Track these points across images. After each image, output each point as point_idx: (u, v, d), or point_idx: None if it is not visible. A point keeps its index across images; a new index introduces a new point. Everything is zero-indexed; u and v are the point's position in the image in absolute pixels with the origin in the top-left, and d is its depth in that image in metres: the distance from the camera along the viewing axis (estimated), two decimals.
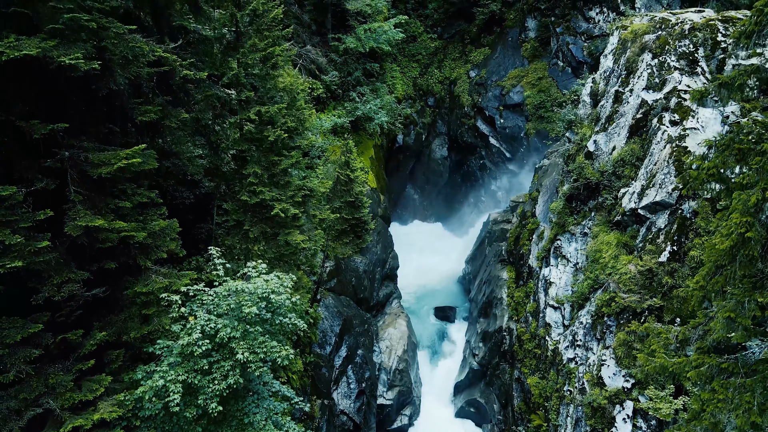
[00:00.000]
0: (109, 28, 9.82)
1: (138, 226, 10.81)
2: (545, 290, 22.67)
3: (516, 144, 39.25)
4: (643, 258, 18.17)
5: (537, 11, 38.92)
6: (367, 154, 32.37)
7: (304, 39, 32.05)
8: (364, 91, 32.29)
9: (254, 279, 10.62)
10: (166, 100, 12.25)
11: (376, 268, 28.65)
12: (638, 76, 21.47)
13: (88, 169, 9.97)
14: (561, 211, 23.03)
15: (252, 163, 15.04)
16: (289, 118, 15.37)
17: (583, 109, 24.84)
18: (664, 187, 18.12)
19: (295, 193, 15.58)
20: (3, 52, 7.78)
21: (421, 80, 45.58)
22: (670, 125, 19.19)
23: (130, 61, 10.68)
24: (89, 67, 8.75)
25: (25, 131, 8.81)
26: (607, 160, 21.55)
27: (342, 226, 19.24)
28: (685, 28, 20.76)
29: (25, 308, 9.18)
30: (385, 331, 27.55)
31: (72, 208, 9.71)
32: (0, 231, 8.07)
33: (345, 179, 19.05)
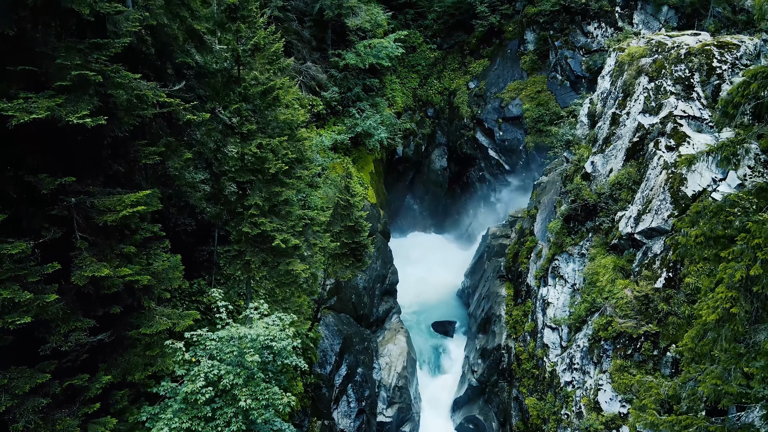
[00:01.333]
0: (114, 78, 10.06)
1: (142, 269, 11.06)
2: (543, 310, 22.90)
3: (515, 157, 39.50)
4: (639, 283, 18.41)
5: (536, 24, 39.16)
6: (367, 170, 32.61)
7: (304, 55, 32.29)
8: (364, 106, 32.53)
9: (256, 321, 10.84)
10: (169, 140, 12.48)
11: (375, 284, 28.88)
12: (635, 99, 21.71)
13: (94, 215, 10.20)
14: (559, 232, 23.26)
15: (253, 194, 15.27)
16: (290, 150, 15.59)
17: (580, 129, 25.09)
18: (660, 213, 18.35)
19: (296, 223, 15.80)
20: (13, 116, 8.01)
21: (420, 91, 45.81)
22: (666, 150, 19.43)
23: (135, 105, 10.94)
24: (96, 124, 8.98)
25: (34, 186, 9.05)
26: (604, 182, 21.79)
27: (342, 250, 19.45)
28: (681, 52, 21.01)
29: (33, 356, 9.40)
30: (384, 347, 27.78)
31: (78, 256, 9.94)
32: (10, 287, 8.30)
33: (345, 204, 19.27)
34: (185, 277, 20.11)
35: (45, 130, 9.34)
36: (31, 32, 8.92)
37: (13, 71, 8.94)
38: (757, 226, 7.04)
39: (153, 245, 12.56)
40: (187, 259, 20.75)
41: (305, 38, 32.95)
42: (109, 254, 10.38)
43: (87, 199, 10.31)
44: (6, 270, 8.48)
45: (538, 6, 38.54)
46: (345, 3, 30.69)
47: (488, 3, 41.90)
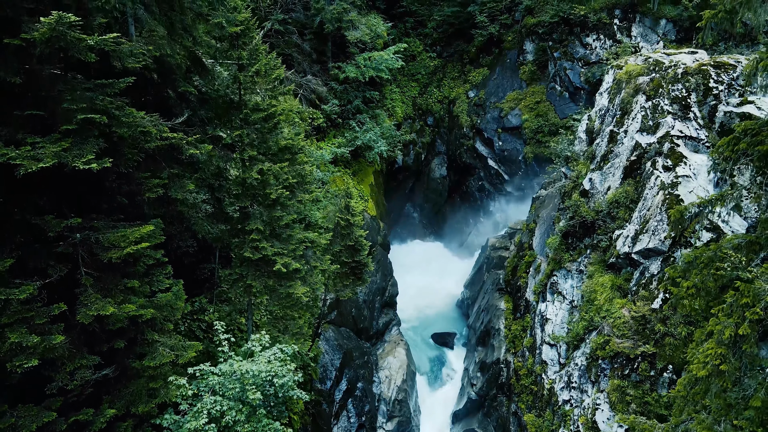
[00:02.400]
0: (120, 116, 10.25)
1: (146, 301, 11.25)
2: (542, 326, 23.08)
3: (514, 167, 39.70)
4: (636, 303, 18.59)
5: (535, 35, 39.35)
6: (367, 181, 32.80)
7: (304, 68, 32.49)
8: (364, 119, 32.71)
9: (257, 354, 11.03)
10: (171, 172, 12.66)
11: (375, 297, 29.06)
12: (632, 117, 21.90)
13: (99, 252, 10.38)
14: (557, 248, 23.44)
15: (254, 219, 15.45)
16: (291, 175, 15.78)
17: (579, 145, 25.28)
18: (656, 234, 18.53)
19: (297, 247, 15.98)
20: (21, 164, 8.20)
21: (420, 100, 46.02)
22: (663, 171, 19.62)
23: (138, 140, 11.14)
24: (102, 167, 9.16)
25: (40, 228, 9.23)
26: (602, 199, 21.98)
27: (342, 269, 19.63)
28: (678, 72, 21.20)
29: (39, 392, 9.58)
30: (384, 360, 27.96)
31: (83, 292, 10.12)
32: (17, 330, 8.48)
33: (345, 223, 19.46)
34: (186, 294, 20.34)
35: (51, 173, 9.52)
36: (37, 78, 9.10)
37: (20, 116, 9.13)
38: (745, 285, 7.24)
39: (156, 271, 12.73)
40: (188, 277, 20.97)
41: (305, 51, 33.15)
42: (114, 289, 10.56)
43: (92, 235, 10.49)
44: (13, 312, 8.66)
45: (537, 17, 38.77)
46: (345, 17, 30.88)
47: (487, 13, 42.11)
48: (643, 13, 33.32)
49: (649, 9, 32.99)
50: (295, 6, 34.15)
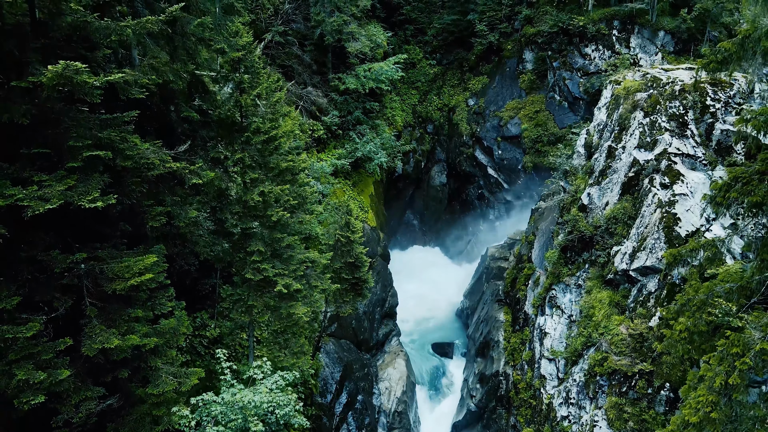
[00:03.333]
0: (124, 150, 10.43)
1: (149, 330, 11.43)
2: (540, 340, 23.25)
3: (514, 176, 39.86)
4: (634, 320, 18.76)
5: (534, 44, 39.49)
6: (367, 192, 32.97)
7: (305, 79, 32.66)
8: (364, 130, 32.88)
9: (258, 383, 11.21)
10: (174, 199, 12.83)
11: (375, 308, 29.23)
12: (630, 133, 22.08)
13: (103, 283, 10.55)
14: (556, 262, 23.61)
15: (256, 241, 15.63)
16: (291, 196, 15.95)
17: (577, 159, 25.46)
18: (654, 252, 18.70)
19: (298, 267, 16.15)
20: (29, 206, 8.38)
21: (420, 107, 46.18)
22: (660, 188, 19.79)
23: (141, 169, 11.31)
24: (107, 203, 9.34)
25: (46, 265, 9.41)
26: (600, 214, 22.15)
27: (343, 286, 19.81)
28: (676, 89, 21.38)
29: (45, 424, 9.76)
30: (384, 371, 28.12)
31: (88, 323, 10.29)
32: (24, 367, 8.65)
33: (345, 240, 19.63)
34: (188, 310, 20.52)
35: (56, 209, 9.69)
36: (44, 116, 9.28)
37: (27, 153, 9.31)
38: (735, 335, 7.41)
39: (158, 294, 12.92)
40: (189, 293, 21.16)
41: (306, 62, 33.33)
42: (117, 320, 10.73)
43: (96, 266, 10.66)
44: (20, 349, 8.84)
45: (536, 26, 38.92)
46: (345, 29, 31.06)
47: (487, 21, 42.25)
48: (642, 24, 33.48)
49: (648, 21, 33.16)
50: (296, 17, 34.34)
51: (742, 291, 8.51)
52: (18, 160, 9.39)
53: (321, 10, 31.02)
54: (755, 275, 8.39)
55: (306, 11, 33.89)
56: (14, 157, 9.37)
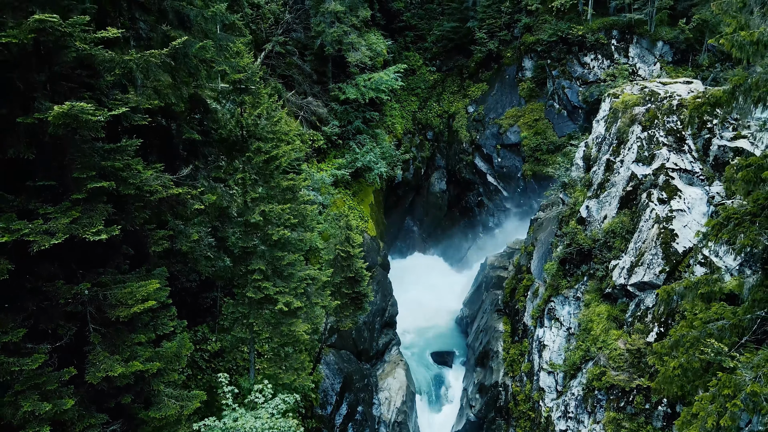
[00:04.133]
0: (128, 179, 10.58)
1: (152, 353, 11.57)
2: (539, 352, 23.39)
3: (513, 183, 40.03)
4: (632, 335, 18.91)
5: (533, 52, 39.68)
6: (367, 201, 33.12)
7: (305, 89, 32.83)
8: (364, 140, 33.03)
9: (259, 407, 11.36)
10: (176, 223, 12.97)
11: (375, 318, 29.37)
12: (628, 147, 22.22)
13: (107, 309, 10.70)
14: (555, 274, 23.75)
15: (257, 260, 15.78)
16: (292, 215, 16.10)
17: (576, 171, 25.60)
18: (651, 268, 18.85)
19: (298, 285, 16.30)
20: (35, 241, 8.53)
21: (420, 114, 46.36)
22: (658, 203, 19.93)
23: (144, 196, 11.46)
24: (110, 234, 9.49)
25: (52, 295, 9.56)
26: (598, 228, 22.29)
27: (343, 300, 19.95)
28: (673, 103, 21.52)
29: None
30: (384, 381, 28.26)
31: (92, 350, 10.44)
32: (29, 397, 8.80)
33: (345, 255, 19.78)
34: (189, 323, 20.66)
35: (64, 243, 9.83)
36: (49, 150, 9.43)
37: (33, 185, 9.46)
38: (726, 376, 7.55)
39: (160, 314, 13.07)
40: (190, 306, 21.29)
41: (306, 72, 33.50)
42: (121, 345, 10.88)
43: (99, 292, 10.81)
44: (26, 379, 8.98)
45: (535, 35, 39.11)
46: (345, 39, 31.21)
47: (486, 29, 42.44)
48: (641, 34, 33.65)
49: (647, 31, 33.33)
50: (296, 26, 34.52)
51: (734, 329, 8.65)
52: (23, 192, 9.54)
53: (321, 20, 31.19)
54: (747, 314, 8.54)
55: (306, 21, 34.08)
56: (19, 189, 9.52)
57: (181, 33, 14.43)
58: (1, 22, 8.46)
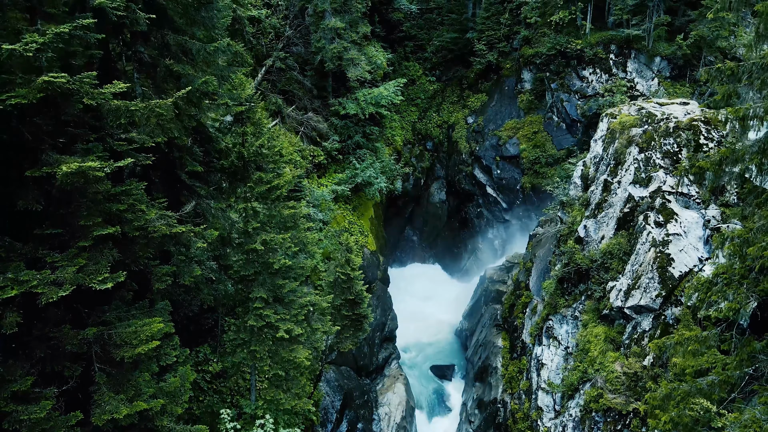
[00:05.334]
0: (133, 221, 10.81)
1: (155, 389, 11.80)
2: (537, 370, 23.62)
3: (512, 195, 40.24)
4: (628, 358, 19.13)
5: (532, 65, 39.91)
6: (367, 216, 33.33)
7: (305, 104, 33.07)
8: (364, 155, 33.25)
9: None
10: (179, 258, 13.20)
11: (375, 333, 29.58)
12: (626, 168, 22.45)
13: (112, 350, 10.92)
14: (553, 293, 23.99)
15: (258, 288, 15.99)
16: (293, 242, 16.32)
17: (574, 190, 25.83)
18: (648, 292, 19.07)
19: (299, 312, 16.51)
20: (43, 293, 8.75)
21: (419, 124, 46.60)
22: (654, 226, 20.15)
23: (148, 235, 11.69)
24: (116, 282, 9.71)
25: (59, 341, 9.78)
26: (596, 248, 22.51)
27: (343, 323, 20.17)
28: (670, 125, 21.75)
29: None
30: (383, 396, 28.47)
31: (97, 390, 10.66)
32: None
33: (345, 278, 19.99)
34: (190, 344, 20.88)
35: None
36: (56, 200, 9.65)
37: (41, 234, 9.69)
38: None
39: (164, 344, 13.30)
40: (192, 327, 21.48)
41: (306, 86, 33.74)
42: (125, 384, 11.10)
43: (105, 332, 11.03)
44: (33, 425, 9.20)
45: (534, 47, 39.33)
46: (345, 55, 31.44)
47: (486, 40, 42.67)
48: (639, 49, 33.88)
49: (644, 46, 33.56)
50: (297, 41, 34.75)
51: (724, 385, 8.87)
52: (31, 239, 9.77)
53: (321, 36, 31.43)
54: (736, 370, 8.77)
55: (307, 36, 34.31)
56: (28, 237, 9.75)
57: (183, 67, 14.69)
58: (9, 80, 8.68)
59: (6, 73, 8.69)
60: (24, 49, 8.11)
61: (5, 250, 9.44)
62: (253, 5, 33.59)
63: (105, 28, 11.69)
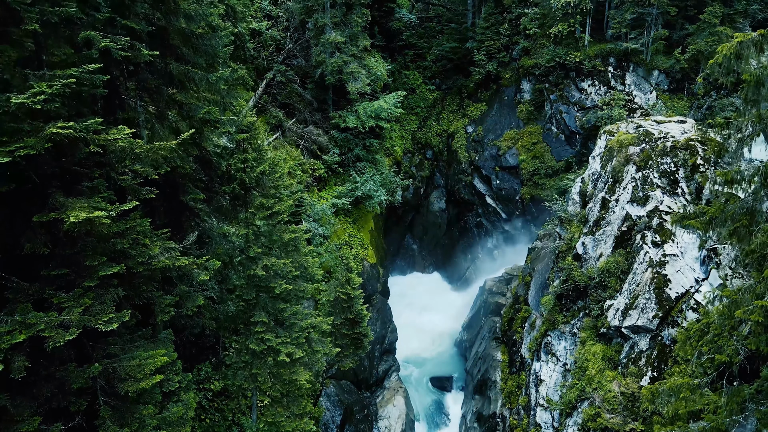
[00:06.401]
0: (137, 257, 11.01)
1: (159, 419, 12.00)
2: (536, 386, 23.82)
3: (511, 206, 40.43)
4: (626, 378, 19.34)
5: (531, 75, 40.08)
6: (367, 228, 33.53)
7: (305, 117, 33.27)
8: (364, 167, 33.44)
9: None
10: (183, 289, 13.39)
11: (375, 346, 29.78)
12: (623, 187, 22.65)
13: (116, 383, 11.12)
14: (552, 309, 24.19)
15: (259, 312, 16.20)
16: (294, 266, 16.51)
17: (572, 206, 26.04)
18: (645, 312, 19.27)
19: (300, 335, 16.71)
20: (50, 337, 8.96)
21: (419, 133, 46.80)
22: (652, 246, 20.36)
23: (152, 270, 11.89)
24: (120, 321, 9.91)
25: (64, 379, 9.98)
26: (594, 265, 22.71)
27: (343, 341, 20.37)
28: (667, 145, 21.96)
29: None
30: (383, 409, 28.67)
31: (102, 425, 10.86)
32: None
33: (346, 297, 20.19)
34: (191, 362, 21.07)
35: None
36: (63, 242, 9.86)
37: (49, 275, 9.89)
38: None
39: (166, 369, 13.51)
40: (193, 345, 21.65)
41: (307, 99, 33.94)
42: (130, 417, 11.30)
43: (109, 365, 11.23)
44: None
45: (533, 59, 39.50)
46: (345, 69, 31.64)
47: (485, 51, 42.85)
48: (637, 63, 34.08)
49: (642, 60, 33.76)
50: (297, 53, 34.95)
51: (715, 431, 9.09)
52: (38, 279, 9.97)
53: (322, 50, 31.62)
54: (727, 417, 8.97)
55: (307, 49, 34.50)
56: (35, 277, 9.95)
57: (186, 96, 14.90)
58: (17, 128, 8.88)
59: (14, 120, 8.89)
60: (32, 102, 8.32)
61: (13, 291, 9.65)
62: (253, 17, 33.88)
63: (110, 67, 11.93)
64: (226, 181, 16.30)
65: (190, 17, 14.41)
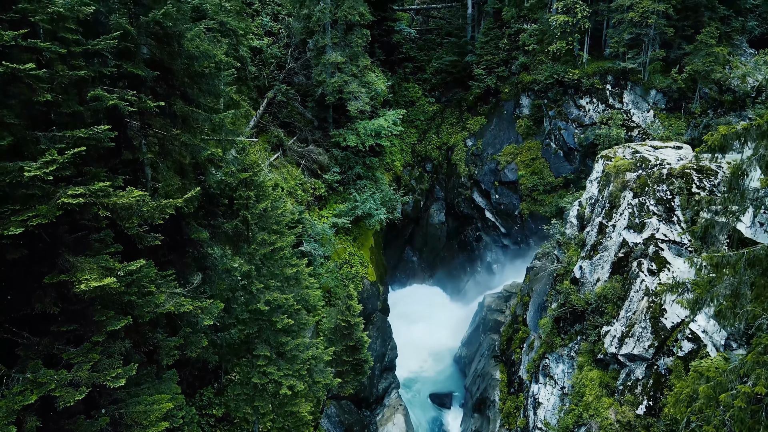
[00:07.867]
0: (143, 306, 11.31)
1: None
2: (534, 409, 24.11)
3: (511, 221, 40.74)
4: (622, 405, 19.63)
5: (530, 91, 40.41)
6: (367, 245, 33.82)
7: (306, 135, 33.57)
8: (364, 185, 33.73)
9: None
10: (187, 331, 13.69)
11: (375, 364, 30.05)
12: (620, 213, 22.95)
13: (123, 430, 11.41)
14: (549, 332, 24.48)
15: (261, 346, 16.50)
16: (295, 299, 16.81)
17: (570, 229, 26.34)
18: (641, 341, 19.56)
19: (301, 367, 17.01)
20: (61, 396, 9.25)
21: (419, 146, 47.12)
22: (648, 274, 20.66)
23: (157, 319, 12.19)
24: (128, 374, 10.21)
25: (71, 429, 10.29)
26: (591, 290, 23.01)
27: (343, 368, 20.67)
28: (663, 172, 22.26)
29: None
30: (383, 428, 28.95)
31: None
32: None
33: (346, 324, 20.49)
34: (193, 388, 21.36)
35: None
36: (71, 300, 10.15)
37: (57, 331, 10.18)
38: None
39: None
40: (194, 370, 21.89)
41: (307, 118, 34.25)
42: None
43: (116, 411, 11.53)
44: None
45: (532, 74, 39.82)
46: (346, 88, 31.94)
47: (485, 65, 43.16)
48: (635, 81, 34.39)
49: (640, 78, 34.07)
50: (298, 71, 35.25)
51: None
52: (47, 334, 10.26)
53: (322, 70, 31.93)
54: None
55: (308, 66, 34.79)
56: (44, 332, 10.24)
57: (190, 138, 15.20)
58: (30, 195, 9.18)
59: (26, 187, 9.19)
60: (44, 174, 8.62)
61: (24, 347, 9.94)
62: (254, 33, 34.19)
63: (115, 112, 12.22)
64: (229, 216, 16.60)
65: (195, 57, 14.70)
